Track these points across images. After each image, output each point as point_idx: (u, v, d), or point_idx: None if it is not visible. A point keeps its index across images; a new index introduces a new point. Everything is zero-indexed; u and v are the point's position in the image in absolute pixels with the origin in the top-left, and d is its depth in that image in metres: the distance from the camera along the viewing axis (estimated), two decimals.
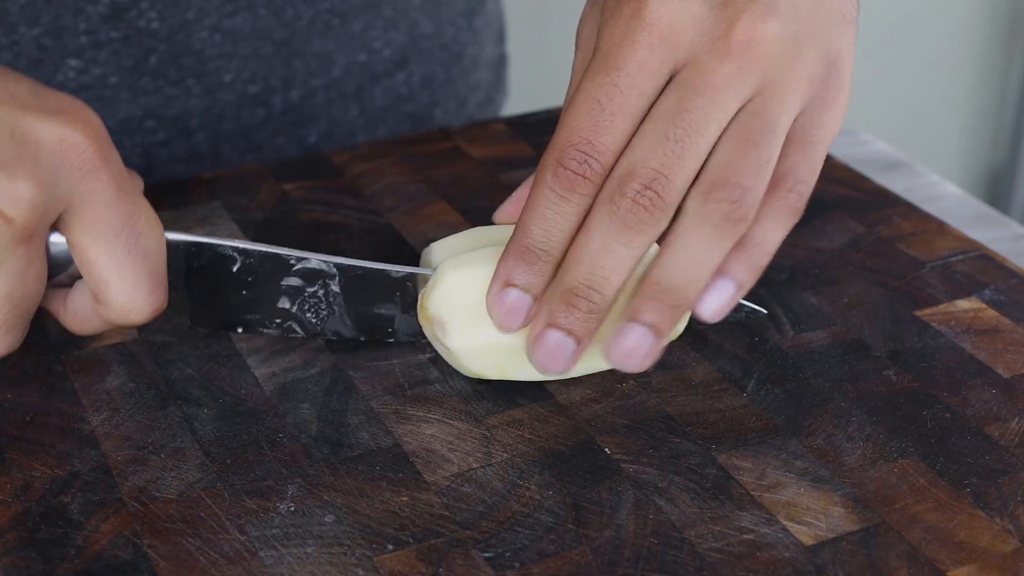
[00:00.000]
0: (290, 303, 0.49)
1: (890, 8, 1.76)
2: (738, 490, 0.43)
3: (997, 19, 1.86)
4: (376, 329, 0.50)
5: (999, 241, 0.62)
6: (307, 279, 0.49)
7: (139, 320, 0.46)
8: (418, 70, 0.76)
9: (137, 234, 0.45)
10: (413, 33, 0.74)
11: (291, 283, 0.49)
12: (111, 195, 0.45)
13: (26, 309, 0.45)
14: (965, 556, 0.40)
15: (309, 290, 0.49)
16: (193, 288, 0.49)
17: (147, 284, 0.46)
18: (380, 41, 0.73)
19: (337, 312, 0.50)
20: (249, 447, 0.45)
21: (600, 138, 0.42)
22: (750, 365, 0.49)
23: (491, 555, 0.40)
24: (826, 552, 0.40)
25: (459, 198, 0.61)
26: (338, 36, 0.71)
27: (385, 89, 0.75)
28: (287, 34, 0.69)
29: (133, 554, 0.41)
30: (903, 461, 0.44)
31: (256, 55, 0.69)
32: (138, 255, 0.45)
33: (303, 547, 0.41)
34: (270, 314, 0.50)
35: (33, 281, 0.44)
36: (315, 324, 0.50)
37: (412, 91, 0.76)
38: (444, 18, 0.76)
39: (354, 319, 0.50)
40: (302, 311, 0.50)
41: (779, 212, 0.44)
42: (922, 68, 1.83)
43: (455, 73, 0.78)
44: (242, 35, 0.68)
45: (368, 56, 0.73)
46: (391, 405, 0.47)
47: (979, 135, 1.95)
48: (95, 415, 0.47)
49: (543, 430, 0.46)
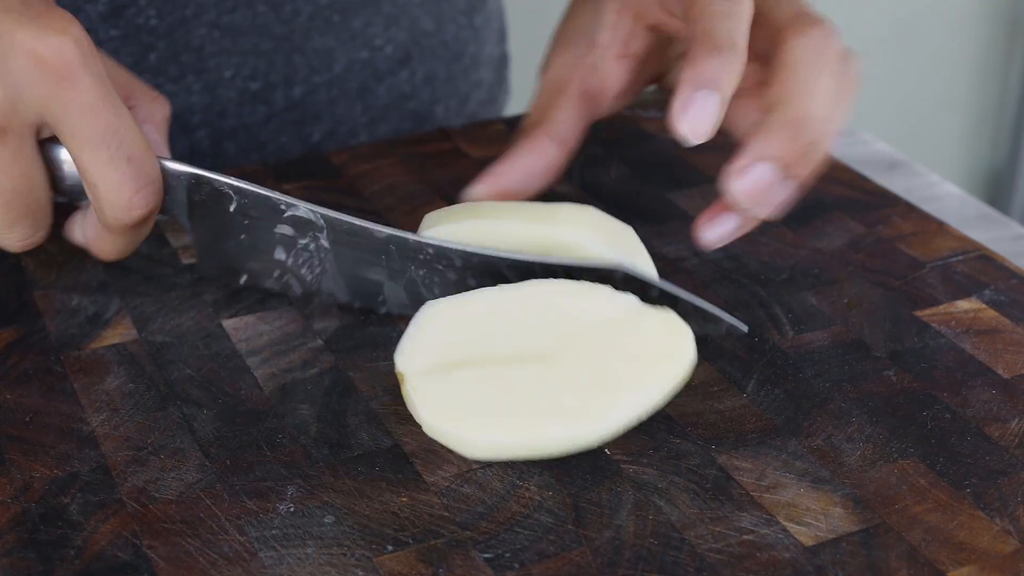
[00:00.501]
0: (285, 254, 0.50)
1: (890, 8, 1.76)
2: (738, 491, 0.43)
3: (997, 19, 1.86)
4: (367, 295, 0.50)
5: (999, 241, 0.62)
6: (298, 229, 0.50)
7: (129, 219, 0.48)
8: (420, 68, 0.76)
9: (119, 143, 0.47)
10: (414, 31, 0.75)
11: (284, 231, 0.50)
12: (88, 103, 0.46)
13: (23, 206, 0.48)
14: (965, 557, 0.40)
15: (301, 242, 0.50)
16: (196, 226, 0.51)
17: (131, 186, 0.47)
18: (381, 38, 0.73)
19: (329, 271, 0.50)
20: (248, 448, 0.45)
21: None
22: (750, 365, 0.49)
23: (491, 556, 0.40)
24: (826, 553, 0.40)
25: (459, 198, 0.61)
26: (339, 33, 0.71)
27: (388, 87, 0.75)
28: (286, 30, 0.69)
29: (132, 555, 0.41)
30: (903, 462, 0.44)
31: (256, 51, 0.69)
32: (121, 160, 0.47)
33: (303, 548, 0.41)
34: (268, 265, 0.51)
35: (19, 177, 0.47)
36: (310, 282, 0.51)
37: (414, 89, 0.76)
38: (445, 16, 0.76)
39: (346, 280, 0.50)
40: (297, 264, 0.50)
41: None
42: (922, 68, 1.83)
43: (456, 71, 0.78)
44: (241, 31, 0.68)
45: (370, 53, 0.73)
46: (391, 405, 0.47)
47: (979, 135, 1.95)
48: (95, 416, 0.47)
49: None
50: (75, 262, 0.56)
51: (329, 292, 0.51)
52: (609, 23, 0.55)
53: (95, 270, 0.56)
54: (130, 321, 0.52)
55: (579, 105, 0.55)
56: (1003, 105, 1.93)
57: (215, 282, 0.54)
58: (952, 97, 1.89)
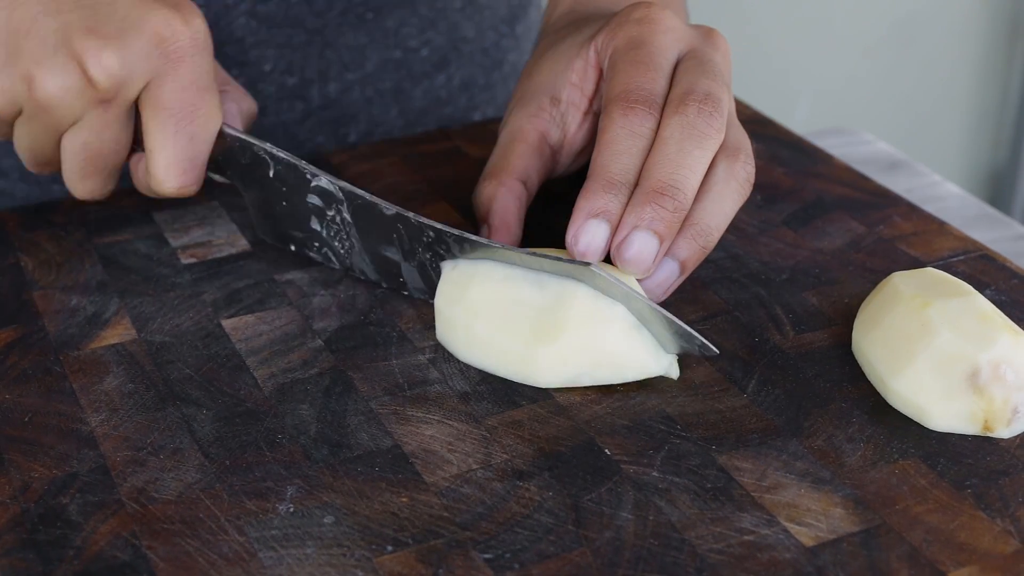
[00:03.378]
0: (319, 225, 0.53)
1: (890, 8, 1.76)
2: (738, 491, 0.43)
3: (998, 18, 1.86)
4: (390, 275, 0.52)
5: (1000, 241, 0.62)
6: (324, 199, 0.52)
7: (166, 191, 0.53)
8: (458, 73, 0.76)
9: (189, 120, 0.52)
10: (453, 36, 0.75)
11: (314, 201, 0.53)
12: (183, 85, 0.51)
13: (103, 163, 0.53)
14: (966, 557, 0.40)
15: (328, 213, 0.52)
16: (247, 189, 0.55)
17: (182, 163, 0.52)
18: (416, 40, 0.74)
19: (356, 247, 0.52)
20: (248, 448, 0.45)
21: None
22: (751, 366, 0.49)
23: (491, 556, 0.40)
24: (827, 553, 0.40)
25: (459, 198, 0.61)
26: (371, 30, 0.72)
27: (425, 90, 0.75)
28: (319, 23, 0.70)
29: (132, 555, 0.41)
30: (904, 462, 0.44)
31: (290, 44, 0.70)
32: (183, 137, 0.52)
33: (302, 548, 0.41)
34: (309, 235, 0.54)
35: (110, 141, 0.52)
36: (343, 256, 0.53)
37: (451, 94, 0.77)
38: (486, 23, 0.77)
39: (370, 257, 0.52)
40: (330, 236, 0.53)
41: None
42: (923, 68, 1.83)
43: (495, 79, 0.79)
44: (275, 21, 0.69)
45: (403, 54, 0.74)
46: (390, 406, 0.47)
47: (980, 135, 1.95)
48: (94, 416, 0.47)
49: (543, 431, 0.46)
50: (74, 262, 0.56)
51: (360, 269, 0.53)
52: (574, 81, 0.55)
53: (94, 270, 0.56)
54: (129, 321, 0.52)
55: (538, 153, 0.55)
56: (1004, 105, 1.93)
57: (272, 247, 0.57)
58: (953, 97, 1.89)
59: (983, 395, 0.44)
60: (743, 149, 0.52)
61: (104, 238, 0.58)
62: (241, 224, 0.59)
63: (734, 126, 0.53)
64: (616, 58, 0.53)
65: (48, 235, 0.59)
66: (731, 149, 0.51)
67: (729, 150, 0.51)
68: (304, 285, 0.54)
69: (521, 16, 0.80)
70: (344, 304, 0.53)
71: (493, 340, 0.48)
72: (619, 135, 0.50)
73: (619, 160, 0.49)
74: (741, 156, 0.52)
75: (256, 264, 0.56)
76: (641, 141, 0.50)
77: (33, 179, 0.71)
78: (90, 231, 0.59)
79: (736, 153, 0.51)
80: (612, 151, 0.49)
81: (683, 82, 0.51)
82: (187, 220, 0.59)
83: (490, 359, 0.48)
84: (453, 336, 0.49)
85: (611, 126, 0.50)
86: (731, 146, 0.52)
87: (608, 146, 0.50)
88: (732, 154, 0.51)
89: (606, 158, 0.49)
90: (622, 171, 0.49)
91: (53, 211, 0.61)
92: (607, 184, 0.49)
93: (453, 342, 0.49)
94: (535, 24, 0.82)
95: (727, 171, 0.51)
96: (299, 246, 0.55)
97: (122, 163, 0.54)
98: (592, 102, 0.56)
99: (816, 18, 1.70)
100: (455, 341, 0.49)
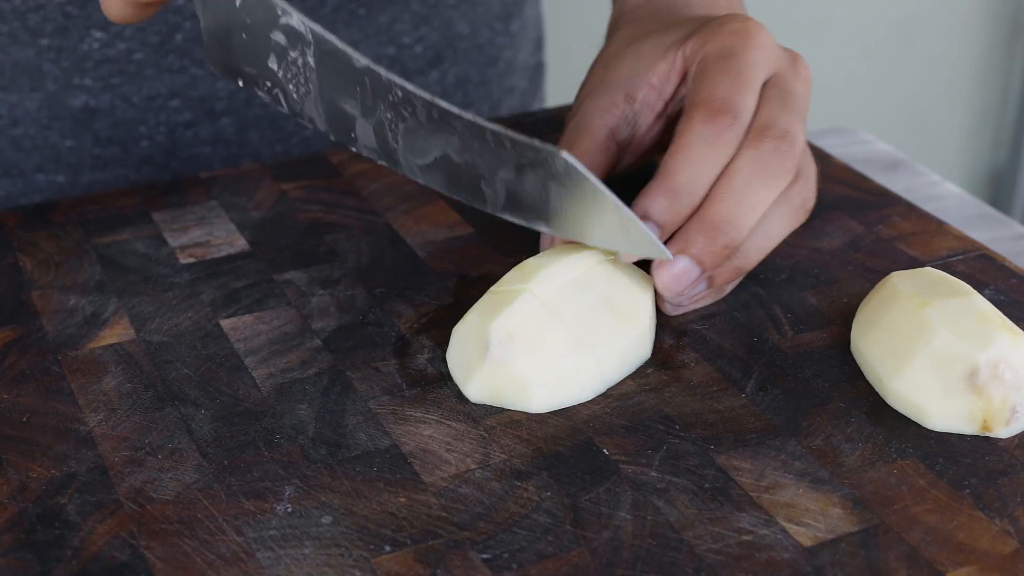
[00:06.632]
0: (277, 64, 0.51)
1: (890, 8, 1.76)
2: (737, 491, 0.43)
3: (998, 18, 1.86)
4: (342, 128, 0.51)
5: (1000, 241, 0.62)
6: (290, 39, 0.51)
7: None
8: (452, 70, 0.76)
9: None
10: (447, 32, 0.75)
11: (277, 39, 0.51)
12: None
13: None
14: (964, 557, 0.40)
15: (291, 54, 0.51)
16: (207, 13, 0.53)
17: None
18: (410, 36, 0.74)
19: (312, 93, 0.51)
20: (246, 448, 0.45)
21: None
22: (749, 365, 0.49)
23: (489, 556, 0.40)
24: (825, 553, 0.40)
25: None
26: (364, 27, 0.72)
27: (418, 87, 0.75)
28: (310, 19, 0.70)
29: (130, 555, 0.41)
30: (902, 462, 0.44)
31: None
32: None
33: (300, 548, 0.41)
34: (263, 73, 0.52)
35: None
36: (295, 101, 0.52)
37: (445, 91, 0.77)
38: (480, 20, 0.76)
39: (325, 107, 0.51)
40: (286, 79, 0.51)
41: None
42: (923, 68, 1.83)
43: (490, 76, 0.79)
44: None
45: (397, 51, 0.73)
46: (389, 406, 0.47)
47: (980, 135, 1.95)
48: (92, 416, 0.47)
49: (541, 431, 0.46)
50: (73, 262, 0.56)
51: (310, 118, 0.51)
52: (654, 82, 0.54)
53: (93, 270, 0.56)
54: (128, 321, 0.52)
55: (604, 149, 0.54)
56: (1004, 104, 1.93)
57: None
58: (953, 96, 1.89)
59: (982, 395, 0.44)
60: (804, 173, 0.51)
61: (103, 238, 0.58)
62: (240, 224, 0.59)
63: (803, 154, 0.52)
64: (705, 65, 0.51)
65: (46, 235, 0.59)
66: None
67: None
68: (303, 285, 0.54)
69: (516, 13, 0.79)
70: (343, 304, 0.53)
71: None
72: (695, 142, 0.48)
73: (689, 168, 0.48)
74: (800, 180, 0.51)
75: (255, 264, 0.56)
76: (715, 153, 0.48)
77: (16, 172, 0.70)
78: (88, 231, 0.59)
79: (796, 177, 0.51)
80: (684, 157, 0.48)
81: (764, 114, 0.50)
82: (186, 220, 0.59)
83: None
84: None
85: (689, 131, 0.49)
86: None
87: (681, 150, 0.48)
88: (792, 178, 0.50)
89: (677, 162, 0.48)
90: (688, 180, 0.48)
91: (52, 211, 0.61)
92: (669, 191, 0.48)
93: None
94: (531, 22, 0.82)
95: (783, 195, 0.50)
96: (248, 82, 0.53)
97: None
98: (668, 106, 0.54)
99: (816, 18, 1.70)
100: None
